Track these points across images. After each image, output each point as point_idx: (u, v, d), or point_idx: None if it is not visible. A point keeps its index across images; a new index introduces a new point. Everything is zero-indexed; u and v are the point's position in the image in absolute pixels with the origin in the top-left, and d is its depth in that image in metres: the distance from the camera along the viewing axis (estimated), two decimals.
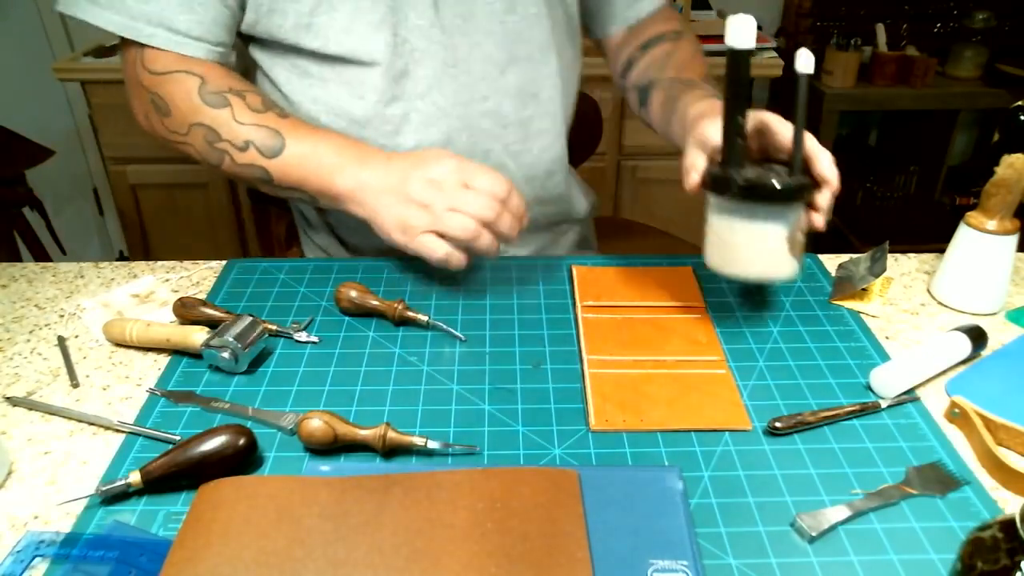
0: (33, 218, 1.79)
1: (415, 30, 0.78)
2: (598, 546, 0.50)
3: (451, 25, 0.79)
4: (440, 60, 0.79)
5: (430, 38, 0.78)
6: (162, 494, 0.55)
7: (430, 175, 0.69)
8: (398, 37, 0.77)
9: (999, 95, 2.00)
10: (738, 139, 0.64)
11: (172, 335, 0.69)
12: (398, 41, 0.78)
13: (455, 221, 0.68)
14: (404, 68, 0.79)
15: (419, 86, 0.80)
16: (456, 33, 0.79)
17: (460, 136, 0.83)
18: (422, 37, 0.78)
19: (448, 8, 0.78)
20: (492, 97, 0.83)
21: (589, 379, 0.66)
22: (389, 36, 0.77)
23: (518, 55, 0.82)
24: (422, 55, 0.79)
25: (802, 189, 0.64)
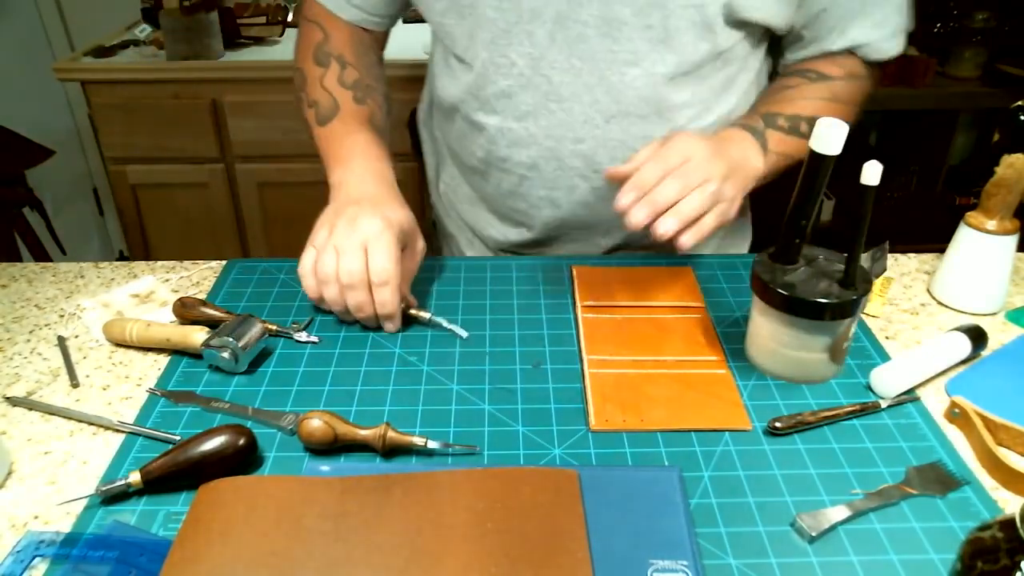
0: (33, 218, 1.79)
1: (525, 56, 0.78)
2: (598, 546, 0.50)
3: (562, 63, 0.77)
4: (543, 92, 0.79)
5: (536, 69, 0.78)
6: (162, 494, 0.55)
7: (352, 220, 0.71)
8: (507, 59, 0.79)
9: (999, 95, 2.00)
10: (796, 240, 0.63)
11: (172, 335, 0.69)
12: (506, 62, 0.79)
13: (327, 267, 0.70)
14: (507, 88, 0.81)
15: (519, 108, 0.81)
16: (566, 72, 0.78)
17: (548, 165, 0.83)
18: (530, 66, 0.79)
19: (565, 45, 0.76)
20: (587, 141, 0.81)
21: (589, 379, 0.66)
22: (498, 56, 0.79)
23: (630, 110, 0.79)
24: (527, 82, 0.79)
25: (846, 307, 0.61)
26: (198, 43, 1.75)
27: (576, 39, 0.75)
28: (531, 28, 0.76)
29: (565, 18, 0.75)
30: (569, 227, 0.89)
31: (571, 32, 0.75)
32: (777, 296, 0.62)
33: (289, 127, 1.80)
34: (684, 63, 0.77)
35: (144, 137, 1.81)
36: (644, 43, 0.75)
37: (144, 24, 1.97)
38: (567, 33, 0.75)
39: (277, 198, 1.91)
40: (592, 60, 0.76)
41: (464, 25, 0.79)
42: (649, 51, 0.75)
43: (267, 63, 1.79)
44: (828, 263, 0.65)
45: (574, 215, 0.87)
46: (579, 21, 0.74)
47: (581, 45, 0.76)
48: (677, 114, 0.80)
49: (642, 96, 0.78)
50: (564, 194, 0.85)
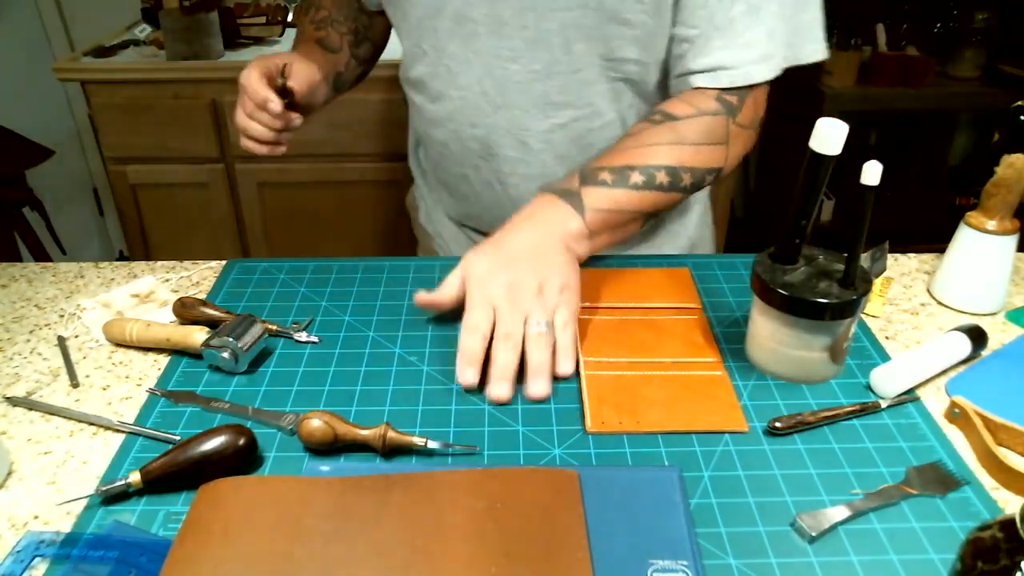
0: (33, 218, 1.79)
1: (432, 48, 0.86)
2: (598, 546, 0.50)
3: (459, 55, 0.83)
4: (445, 80, 0.86)
5: (440, 59, 0.85)
6: (162, 494, 0.55)
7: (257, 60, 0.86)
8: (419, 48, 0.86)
9: (999, 95, 2.00)
10: (796, 240, 0.63)
11: (172, 335, 0.69)
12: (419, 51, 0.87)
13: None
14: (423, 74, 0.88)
15: (432, 92, 0.89)
16: (462, 64, 0.84)
17: (455, 145, 0.90)
18: (435, 56, 0.85)
19: (461, 41, 0.82)
20: (480, 127, 0.87)
21: (585, 381, 0.66)
22: (414, 45, 0.87)
23: (512, 103, 0.84)
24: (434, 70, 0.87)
25: (847, 307, 0.61)
26: (198, 43, 1.75)
27: (469, 35, 0.81)
28: (436, 24, 0.83)
29: (460, 15, 0.80)
30: (482, 204, 0.95)
31: (465, 28, 0.81)
32: (777, 296, 0.62)
33: None
34: (558, 63, 0.81)
35: (144, 137, 1.81)
36: (521, 42, 0.80)
37: (144, 24, 1.97)
38: (463, 30, 0.81)
39: (277, 198, 1.91)
40: (482, 55, 0.82)
41: (392, 13, 0.89)
42: (525, 50, 0.80)
43: None
44: (828, 263, 0.65)
45: (483, 192, 0.93)
46: (471, 19, 0.80)
47: (473, 41, 0.82)
48: (559, 112, 0.84)
49: (522, 91, 0.83)
50: (471, 172, 0.92)
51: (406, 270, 0.83)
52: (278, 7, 2.01)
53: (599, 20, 0.77)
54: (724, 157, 0.80)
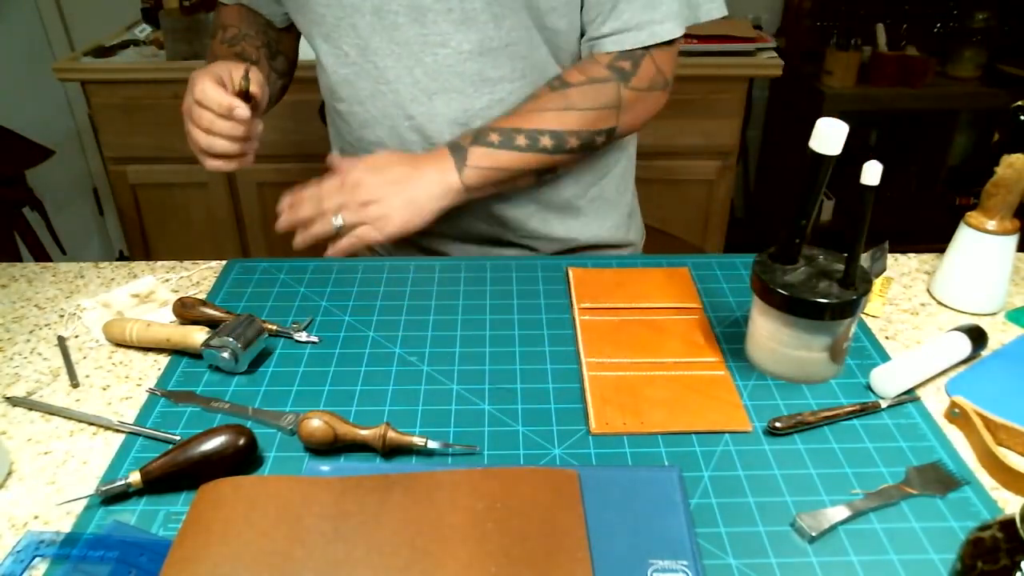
0: (33, 218, 1.79)
1: (354, 47, 0.86)
2: (598, 546, 0.50)
3: (384, 49, 0.84)
4: (373, 77, 0.86)
5: (365, 57, 0.85)
6: (162, 494, 0.55)
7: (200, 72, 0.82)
8: (340, 50, 0.87)
9: (999, 95, 2.00)
10: (796, 240, 0.63)
11: (172, 335, 0.69)
12: (340, 53, 0.87)
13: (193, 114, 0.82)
14: (347, 76, 0.88)
15: (359, 94, 0.89)
16: (388, 57, 0.84)
17: (392, 141, 0.90)
18: (359, 55, 0.86)
19: (384, 34, 0.83)
20: (418, 117, 0.87)
21: (588, 382, 0.66)
22: (333, 48, 0.87)
23: (448, 86, 0.84)
24: (359, 70, 0.87)
25: (849, 306, 0.61)
26: (198, 43, 1.75)
27: (391, 27, 0.82)
28: (354, 21, 0.83)
29: (380, 9, 0.81)
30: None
31: (387, 21, 0.82)
32: (777, 296, 0.62)
33: (289, 127, 1.80)
34: (488, 40, 0.82)
35: (144, 137, 1.81)
36: (448, 25, 0.81)
37: (144, 24, 1.97)
38: (384, 23, 0.82)
39: (277, 198, 1.90)
40: (408, 45, 0.83)
41: (304, 23, 0.89)
42: (454, 32, 0.82)
43: None
44: (828, 263, 0.65)
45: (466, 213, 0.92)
46: (391, 11, 0.81)
47: (396, 32, 0.82)
48: (496, 87, 0.85)
49: (456, 72, 0.84)
50: None
51: (406, 270, 0.83)
52: None
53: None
54: (615, 119, 0.85)
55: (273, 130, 1.79)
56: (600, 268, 0.83)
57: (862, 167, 0.58)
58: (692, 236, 1.93)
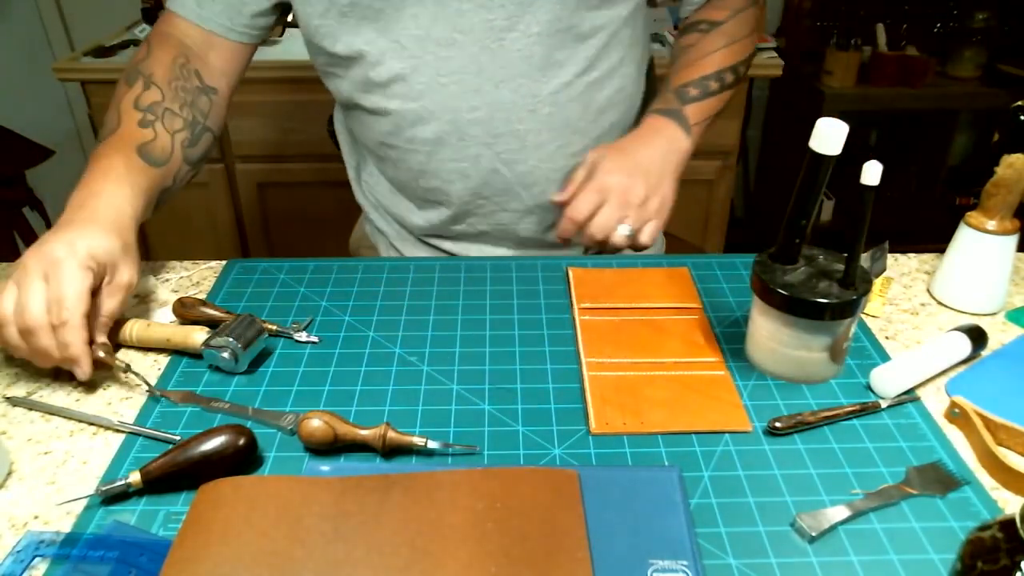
0: (33, 218, 1.79)
1: (412, 39, 0.82)
2: (598, 546, 0.50)
3: (446, 39, 0.81)
4: (433, 69, 0.83)
5: (424, 48, 0.82)
6: (162, 494, 0.55)
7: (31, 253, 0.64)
8: (397, 43, 0.82)
9: (999, 95, 2.00)
10: (796, 240, 0.63)
11: (172, 335, 0.69)
12: (397, 47, 0.83)
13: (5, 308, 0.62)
14: (401, 71, 0.84)
15: (414, 88, 0.84)
16: (451, 47, 0.82)
17: (451, 137, 0.87)
18: (418, 46, 0.82)
19: (446, 21, 0.81)
20: (482, 109, 0.84)
21: (588, 382, 0.66)
22: (389, 42, 0.82)
23: (515, 72, 0.83)
24: (418, 63, 0.83)
25: (847, 307, 0.61)
26: None
27: (455, 14, 0.80)
28: (415, 11, 0.80)
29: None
30: (482, 197, 0.92)
31: (451, 8, 0.80)
32: (777, 296, 0.62)
33: (289, 127, 1.80)
34: (558, 21, 0.82)
35: None
36: (515, 7, 0.80)
37: (144, 24, 1.97)
38: (447, 10, 0.80)
39: (277, 198, 1.91)
40: (472, 32, 0.81)
41: (347, 22, 0.82)
42: (522, 14, 0.80)
43: (267, 63, 1.78)
44: (828, 263, 0.65)
45: (484, 183, 0.90)
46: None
47: (459, 19, 0.81)
48: (561, 71, 0.85)
49: (524, 57, 0.82)
50: (471, 164, 0.89)
51: (406, 270, 0.83)
52: None
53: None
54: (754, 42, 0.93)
55: (273, 130, 1.80)
56: (600, 268, 0.83)
57: (862, 167, 0.58)
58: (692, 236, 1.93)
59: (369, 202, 1.03)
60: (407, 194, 0.97)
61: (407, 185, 0.95)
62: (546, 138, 0.87)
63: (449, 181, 0.91)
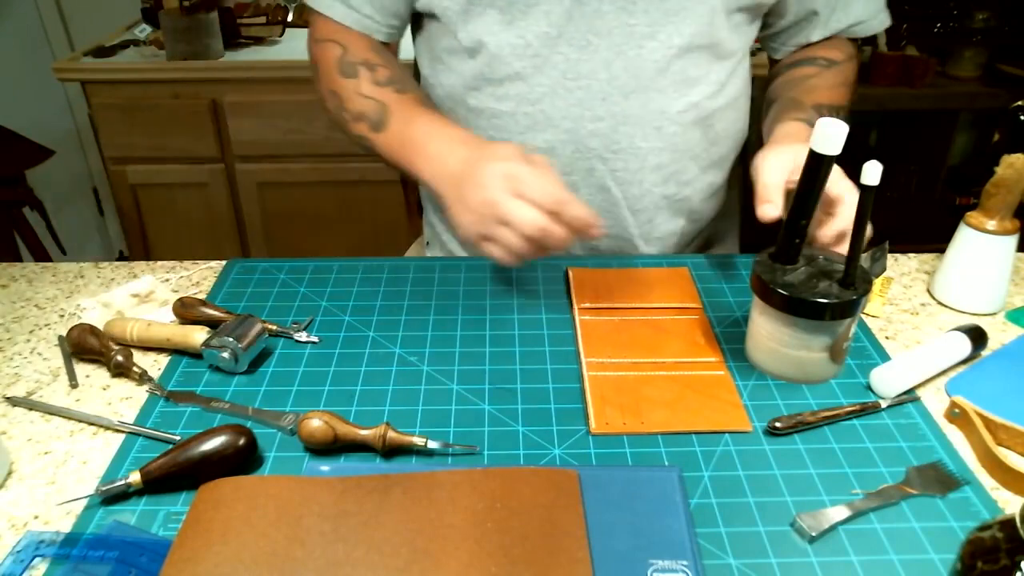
0: (33, 218, 1.79)
1: (541, 37, 0.77)
2: (598, 546, 0.50)
3: (579, 40, 0.77)
4: (560, 72, 0.78)
5: (553, 48, 0.77)
6: (162, 494, 0.55)
7: (484, 180, 0.65)
8: (522, 40, 0.78)
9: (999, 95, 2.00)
10: (796, 240, 0.63)
11: (172, 335, 0.69)
12: (521, 43, 0.78)
13: (505, 236, 0.64)
14: (521, 70, 0.79)
15: (534, 91, 0.80)
16: (583, 50, 0.77)
17: (566, 148, 0.82)
18: (546, 45, 0.77)
19: (583, 22, 0.76)
20: (607, 120, 0.79)
21: (588, 382, 0.66)
22: (514, 38, 0.78)
23: (648, 85, 0.78)
24: (543, 63, 0.78)
25: (848, 307, 0.61)
26: (198, 43, 1.75)
27: (593, 14, 0.75)
28: (549, 7, 0.76)
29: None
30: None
31: (589, 8, 0.75)
32: (777, 296, 0.62)
33: (289, 127, 1.80)
34: (701, 35, 0.78)
35: (144, 137, 1.81)
36: (660, 15, 0.75)
37: (144, 24, 1.97)
38: (585, 9, 0.75)
39: (277, 198, 1.91)
40: (609, 35, 0.76)
41: (474, 9, 0.78)
42: (665, 23, 0.76)
43: (267, 63, 1.79)
44: (828, 263, 0.65)
45: (590, 200, 0.86)
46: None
47: (598, 21, 0.76)
48: (694, 89, 0.81)
49: (660, 69, 0.78)
50: (581, 177, 0.84)
51: (406, 270, 0.83)
52: (278, 7, 2.01)
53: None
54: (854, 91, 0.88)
55: (273, 130, 1.80)
56: (600, 268, 0.83)
57: (862, 167, 0.58)
58: None
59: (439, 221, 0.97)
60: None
61: None
62: (666, 159, 0.83)
63: None
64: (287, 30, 1.94)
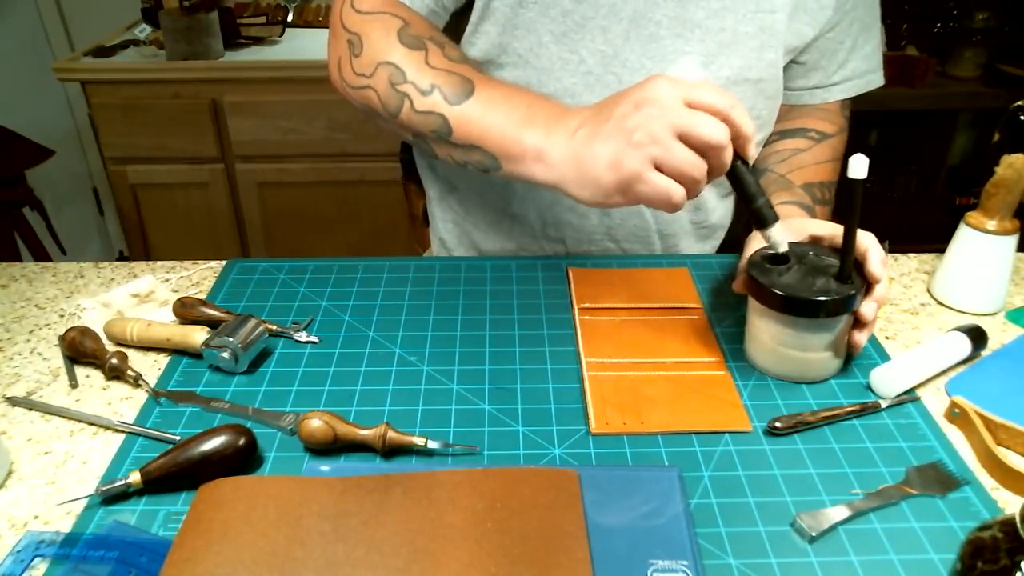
0: (33, 218, 1.79)
1: (596, 53, 0.76)
2: (598, 546, 0.50)
3: (634, 62, 0.76)
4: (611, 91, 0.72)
5: (607, 67, 0.76)
6: (162, 494, 0.55)
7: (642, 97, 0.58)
8: (576, 55, 0.76)
9: (999, 95, 2.00)
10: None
11: (172, 335, 0.69)
12: (575, 59, 0.76)
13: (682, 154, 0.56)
14: (572, 87, 0.77)
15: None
16: (637, 72, 0.76)
17: None
18: (600, 63, 0.76)
19: (638, 44, 0.75)
20: None
21: (588, 382, 0.66)
22: (566, 52, 0.76)
23: None
24: (596, 80, 0.77)
25: (845, 302, 0.61)
26: (198, 43, 1.75)
27: (649, 38, 0.75)
28: (607, 24, 0.74)
29: (641, 16, 0.74)
30: (613, 240, 0.88)
31: (645, 31, 0.74)
32: (776, 298, 0.62)
33: (289, 127, 1.80)
34: (748, 69, 0.78)
35: (144, 137, 1.81)
36: (713, 45, 0.75)
37: (144, 24, 1.97)
38: (641, 32, 0.74)
39: (277, 198, 1.91)
40: (663, 60, 0.75)
41: (525, 13, 0.74)
42: (717, 54, 0.76)
43: (267, 63, 1.79)
44: (819, 259, 0.65)
45: (621, 223, 0.85)
46: (653, 20, 0.74)
47: (653, 45, 0.75)
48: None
49: None
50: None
51: (406, 270, 0.83)
52: (278, 7, 2.01)
53: (788, 23, 0.75)
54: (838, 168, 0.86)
55: (273, 130, 1.80)
56: (600, 268, 0.83)
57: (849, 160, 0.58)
58: None
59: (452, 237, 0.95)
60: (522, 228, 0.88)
61: (527, 218, 0.87)
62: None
63: (585, 216, 0.85)
64: (287, 30, 1.94)
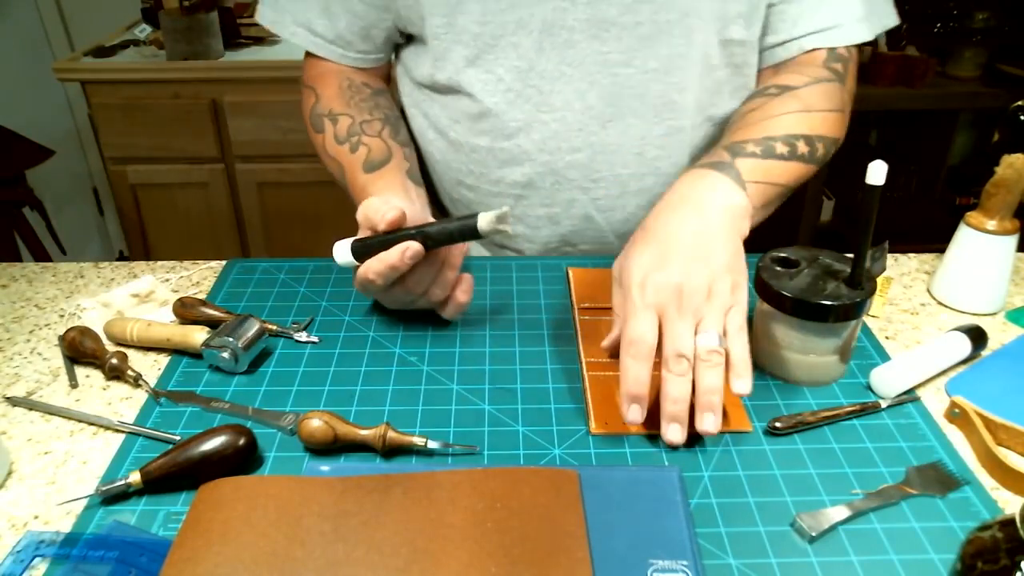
0: (33, 218, 1.80)
1: (512, 70, 0.76)
2: (598, 546, 0.50)
3: (551, 72, 0.75)
4: (533, 104, 0.76)
5: (525, 81, 0.76)
6: (162, 494, 0.55)
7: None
8: (492, 75, 0.76)
9: (999, 95, 2.00)
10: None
11: (172, 335, 0.69)
12: (492, 79, 0.77)
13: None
14: (494, 106, 0.78)
15: (508, 126, 0.78)
16: (556, 80, 0.75)
17: (544, 180, 0.81)
18: (518, 79, 0.76)
19: (554, 52, 0.74)
20: (584, 150, 0.78)
21: (588, 382, 0.66)
22: (482, 73, 0.77)
23: (626, 111, 0.76)
24: (516, 96, 0.77)
25: (855, 308, 0.61)
26: (198, 43, 1.75)
27: (564, 45, 0.73)
28: (517, 39, 0.74)
29: (552, 25, 0.72)
30: (570, 244, 0.88)
31: (559, 39, 0.73)
32: (788, 301, 0.62)
33: (289, 127, 1.80)
34: (678, 56, 0.75)
35: (144, 137, 1.81)
36: (634, 40, 0.73)
37: (144, 24, 1.97)
38: (555, 40, 0.73)
39: (277, 198, 1.91)
40: (583, 65, 0.74)
41: (439, 45, 0.76)
42: (639, 48, 0.74)
43: (267, 63, 1.79)
44: (829, 263, 0.65)
45: (573, 230, 0.85)
46: (566, 27, 0.73)
47: (570, 51, 0.74)
48: (677, 112, 0.78)
49: (637, 95, 0.76)
50: (562, 209, 0.83)
51: None
52: None
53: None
54: (843, 127, 0.75)
55: (273, 130, 1.80)
56: (600, 268, 0.83)
57: (866, 167, 0.58)
58: None
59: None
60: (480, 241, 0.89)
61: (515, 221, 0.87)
62: (649, 183, 0.80)
63: (536, 228, 0.85)
64: None
